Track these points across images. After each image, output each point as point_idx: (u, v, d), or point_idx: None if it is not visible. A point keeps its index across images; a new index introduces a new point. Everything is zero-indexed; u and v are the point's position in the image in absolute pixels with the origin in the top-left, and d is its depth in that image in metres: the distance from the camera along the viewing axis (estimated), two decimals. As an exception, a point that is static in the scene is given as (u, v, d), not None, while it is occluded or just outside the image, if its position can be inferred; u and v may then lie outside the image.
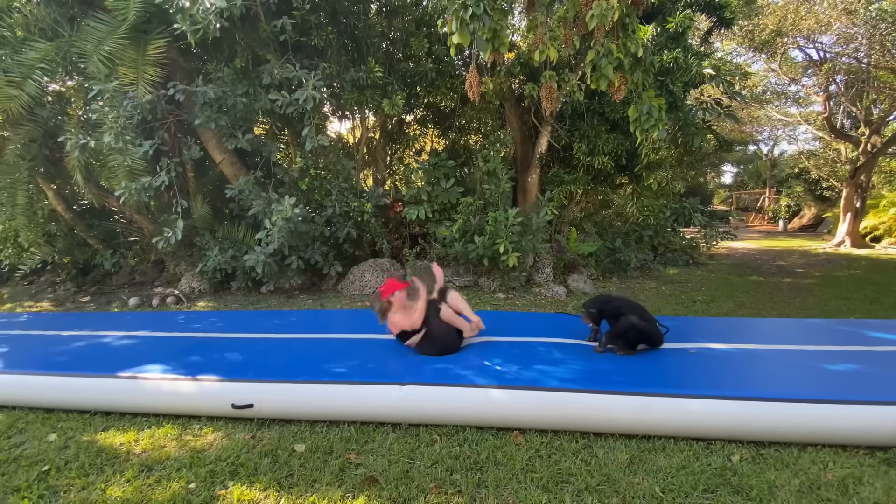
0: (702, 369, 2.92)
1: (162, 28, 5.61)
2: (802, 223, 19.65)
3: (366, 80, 6.31)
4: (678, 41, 6.29)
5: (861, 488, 2.09)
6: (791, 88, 15.44)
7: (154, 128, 6.00)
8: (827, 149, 16.42)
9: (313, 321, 4.22)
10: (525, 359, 2.96)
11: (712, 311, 5.54)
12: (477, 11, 2.64)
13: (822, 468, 2.23)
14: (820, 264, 9.70)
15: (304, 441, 2.51)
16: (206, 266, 6.12)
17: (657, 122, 3.21)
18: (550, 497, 2.05)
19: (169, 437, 2.63)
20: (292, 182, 6.42)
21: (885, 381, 2.62)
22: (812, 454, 2.33)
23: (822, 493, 2.06)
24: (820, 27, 11.27)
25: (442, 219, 6.68)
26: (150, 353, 3.34)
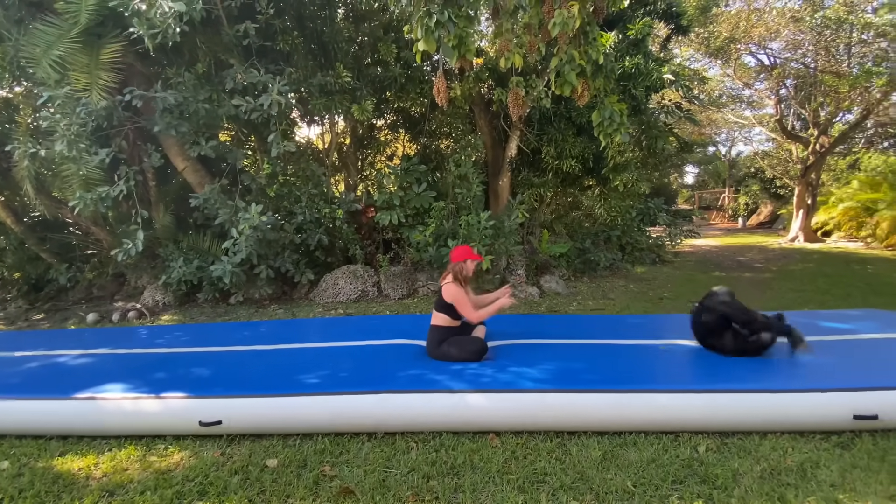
0: (670, 364, 3.02)
1: (117, 32, 5.41)
2: (760, 220, 20.62)
3: (334, 85, 6.25)
4: (639, 47, 6.51)
5: (818, 472, 2.20)
6: (745, 92, 16.22)
7: (111, 135, 5.75)
8: (779, 149, 17.30)
9: (284, 331, 4.13)
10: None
11: (678, 307, 5.72)
12: (441, 19, 2.67)
13: (781, 454, 2.34)
14: (776, 259, 10.20)
15: (276, 456, 2.45)
16: (170, 278, 5.90)
17: (619, 127, 3.31)
18: (526, 498, 2.06)
19: (132, 459, 2.51)
20: (260, 189, 6.28)
21: (838, 369, 2.78)
22: (772, 441, 2.44)
23: (783, 478, 2.16)
24: (770, 34, 11.91)
25: (415, 223, 6.67)
26: (110, 372, 3.18)
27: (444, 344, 3.03)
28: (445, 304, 3.09)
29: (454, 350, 3.00)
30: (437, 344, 3.05)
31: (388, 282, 6.50)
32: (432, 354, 3.07)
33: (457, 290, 3.08)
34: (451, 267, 3.18)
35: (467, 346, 3.03)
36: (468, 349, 3.01)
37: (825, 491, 2.07)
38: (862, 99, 12.02)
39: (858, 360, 2.97)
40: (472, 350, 3.01)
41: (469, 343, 3.05)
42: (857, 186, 13.09)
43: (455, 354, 2.99)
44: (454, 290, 3.08)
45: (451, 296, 3.07)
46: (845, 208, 12.93)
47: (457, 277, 3.15)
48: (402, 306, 5.92)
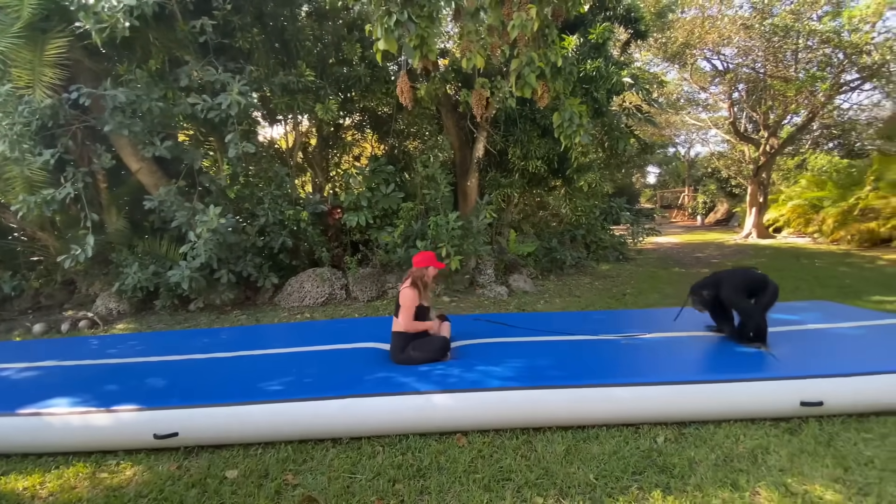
0: (631, 359, 3.10)
1: (63, 26, 5.13)
2: (717, 217, 21.57)
3: (296, 84, 6.12)
4: (600, 51, 6.68)
5: (768, 457, 2.31)
6: (701, 96, 16.96)
7: (56, 135, 5.44)
8: (733, 150, 18.15)
9: (247, 338, 4.00)
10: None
11: (640, 302, 5.91)
12: (401, 18, 2.65)
13: (734, 441, 2.44)
14: (732, 255, 10.68)
15: (236, 466, 2.37)
16: (125, 284, 5.62)
17: (579, 128, 3.39)
18: (492, 496, 2.08)
19: (80, 476, 2.38)
20: (220, 191, 6.07)
21: (785, 358, 2.93)
22: (726, 429, 2.55)
23: (735, 465, 2.25)
24: (722, 40, 12.47)
25: (383, 224, 6.61)
26: (57, 385, 3.00)
27: (406, 348, 3.03)
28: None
29: (417, 353, 2.99)
30: (400, 349, 3.04)
31: (357, 284, 6.42)
32: (396, 360, 3.05)
33: (410, 294, 3.08)
34: (412, 271, 3.18)
35: (429, 346, 3.03)
36: (431, 349, 3.02)
37: (774, 476, 2.17)
38: (808, 102, 12.75)
39: (805, 349, 3.14)
40: (435, 349, 3.02)
41: (430, 343, 3.05)
42: (804, 185, 13.87)
43: (419, 357, 2.98)
44: (407, 294, 3.08)
45: (402, 299, 3.07)
46: (794, 206, 13.68)
47: (416, 283, 3.14)
48: (372, 309, 5.86)
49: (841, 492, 2.05)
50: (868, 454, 2.32)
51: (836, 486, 2.08)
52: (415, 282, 3.14)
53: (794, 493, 2.05)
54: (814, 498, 2.02)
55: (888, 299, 5.76)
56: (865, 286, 6.58)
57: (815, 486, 2.09)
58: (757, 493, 2.06)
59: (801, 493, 2.04)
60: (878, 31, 11.07)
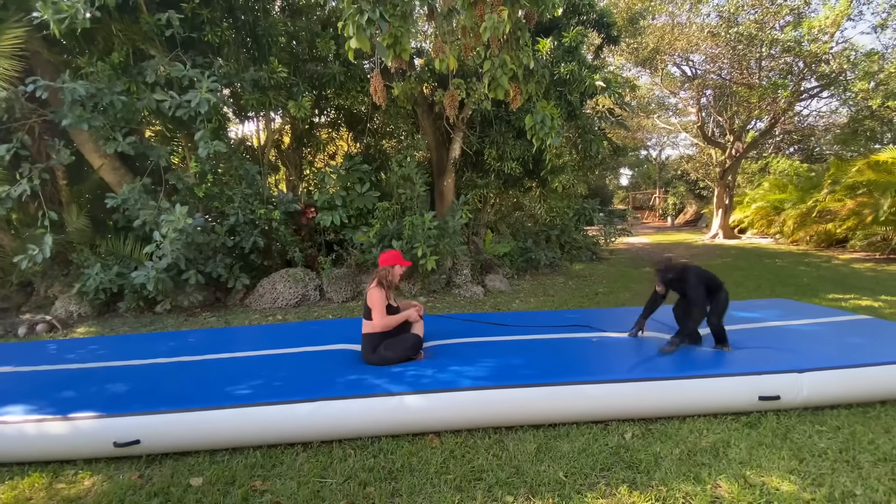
0: (600, 356, 3.17)
1: (20, 16, 4.89)
2: (686, 218, 22.27)
3: (268, 81, 5.99)
4: (573, 55, 6.79)
5: (729, 450, 2.40)
6: (671, 100, 17.46)
7: (12, 129, 5.17)
8: (702, 153, 18.77)
9: (215, 341, 3.89)
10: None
11: (612, 301, 6.04)
12: (373, 17, 2.63)
13: (698, 436, 2.53)
14: (700, 255, 11.04)
15: (201, 474, 2.30)
16: (86, 286, 5.39)
17: (551, 130, 3.44)
18: (463, 496, 2.08)
19: (36, 487, 2.27)
20: (188, 189, 5.89)
21: (744, 355, 3.05)
22: (690, 424, 2.63)
23: (698, 458, 2.33)
24: (691, 47, 12.89)
25: (358, 224, 6.55)
26: (10, 392, 2.84)
27: (378, 349, 3.00)
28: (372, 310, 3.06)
29: (389, 353, 2.98)
30: (371, 350, 3.01)
31: (331, 285, 6.34)
32: (369, 361, 3.02)
33: (377, 294, 3.06)
34: (378, 271, 3.16)
35: (400, 345, 3.02)
36: (402, 348, 3.01)
37: (735, 468, 2.25)
38: (770, 108, 13.30)
39: (764, 345, 3.27)
40: (406, 347, 3.02)
41: (402, 342, 3.04)
42: (767, 188, 14.46)
43: (391, 357, 2.96)
44: (374, 294, 3.05)
45: (370, 299, 3.04)
46: (757, 208, 14.24)
47: (381, 282, 3.13)
48: (346, 310, 5.79)
49: (796, 483, 2.14)
50: (822, 446, 2.43)
51: (792, 478, 2.18)
52: (381, 281, 3.12)
53: (753, 485, 2.13)
54: (770, 489, 2.10)
55: (843, 297, 6.06)
56: (822, 285, 6.90)
57: (772, 478, 2.18)
58: (718, 485, 2.14)
59: (758, 485, 2.13)
60: (836, 41, 11.66)
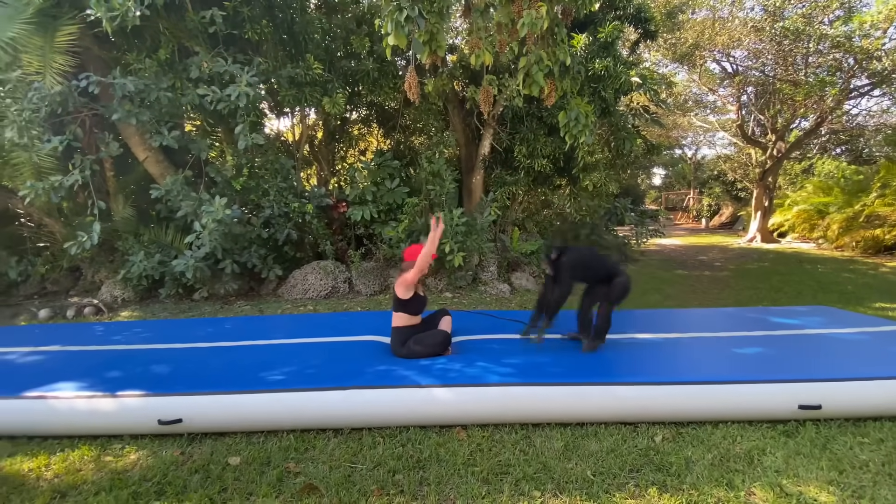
0: (631, 358, 3.12)
1: (74, 13, 5.16)
2: (722, 221, 21.51)
3: (304, 77, 6.13)
4: (609, 50, 6.66)
5: (764, 458, 2.33)
6: (709, 98, 16.86)
7: (65, 122, 5.48)
8: (740, 153, 18.06)
9: (250, 328, 4.04)
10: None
11: (642, 303, 5.91)
12: (412, 14, 2.66)
13: (731, 442, 2.46)
14: (735, 258, 10.66)
15: (239, 453, 2.41)
16: (130, 272, 5.67)
17: (584, 128, 3.39)
18: (490, 489, 2.10)
19: (86, 459, 2.42)
20: (226, 182, 6.11)
21: (785, 362, 2.95)
22: (723, 430, 2.57)
23: (731, 465, 2.27)
24: (732, 43, 12.39)
25: (387, 219, 6.63)
26: (62, 370, 3.04)
27: (407, 343, 3.05)
28: (401, 302, 3.09)
29: (418, 347, 3.01)
30: (401, 343, 3.06)
31: (360, 278, 6.45)
32: (398, 354, 3.07)
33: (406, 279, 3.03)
34: (404, 265, 3.17)
35: (430, 340, 3.05)
36: (431, 343, 3.04)
37: (770, 476, 2.19)
38: (816, 107, 12.67)
39: (805, 353, 3.15)
40: (435, 343, 3.04)
41: (431, 337, 3.07)
42: (810, 190, 13.81)
43: (420, 351, 3.00)
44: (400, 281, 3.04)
45: (403, 288, 3.04)
46: (799, 211, 13.62)
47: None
48: (374, 302, 5.89)
49: (835, 494, 2.07)
50: (863, 458, 2.34)
51: (831, 489, 2.10)
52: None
53: (789, 494, 2.07)
54: (808, 499, 2.03)
55: (890, 306, 5.75)
56: (868, 293, 6.56)
57: (809, 488, 2.10)
58: (752, 493, 2.08)
59: (795, 495, 2.06)
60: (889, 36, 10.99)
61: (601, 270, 3.07)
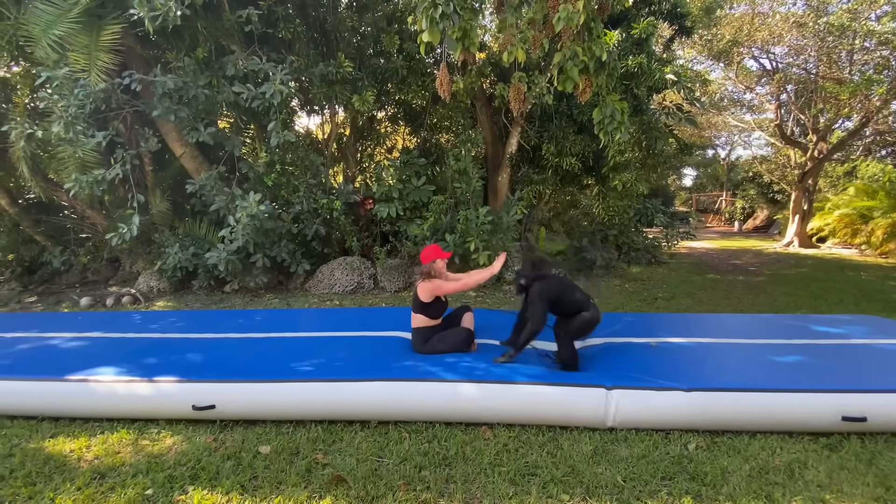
0: (662, 362, 3.03)
1: (118, 13, 5.35)
2: (756, 224, 20.73)
3: (335, 75, 6.21)
4: (642, 47, 6.50)
5: (806, 472, 2.23)
6: (746, 96, 16.26)
7: (108, 118, 5.70)
8: (778, 154, 17.37)
9: (280, 320, 4.13)
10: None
11: (672, 307, 5.76)
12: (447, 10, 2.65)
13: (770, 454, 2.36)
14: (771, 263, 10.26)
15: (269, 442, 2.45)
16: (166, 264, 5.87)
17: (619, 125, 3.31)
18: (517, 489, 2.08)
19: (124, 442, 2.51)
20: (258, 178, 6.25)
21: (828, 371, 2.81)
22: (761, 441, 2.47)
23: (771, 477, 2.18)
24: (773, 39, 11.91)
25: (413, 217, 6.66)
26: (102, 355, 3.17)
27: (430, 341, 3.06)
28: (422, 304, 3.09)
29: (442, 345, 3.03)
30: (423, 342, 3.08)
31: (385, 274, 6.50)
32: (420, 352, 3.09)
33: (430, 284, 3.06)
34: (423, 268, 3.17)
35: (453, 338, 3.06)
36: (455, 341, 3.04)
37: (812, 491, 2.09)
38: (862, 106, 12.06)
39: (848, 363, 3.00)
40: (459, 341, 3.04)
41: (454, 335, 3.07)
42: (853, 193, 13.15)
43: (443, 349, 3.01)
44: (428, 286, 3.05)
45: (427, 293, 3.05)
46: (841, 215, 12.99)
47: (429, 276, 3.14)
48: (399, 299, 5.93)
49: (884, 512, 1.96)
50: (914, 475, 2.21)
51: (879, 507, 1.99)
52: (428, 275, 3.15)
53: (833, 511, 1.97)
54: (854, 517, 1.94)
55: (942, 317, 5.41)
56: (916, 302, 6.20)
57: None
58: (793, 507, 1.99)
59: (840, 511, 1.96)
60: (944, 32, 10.35)
61: (572, 304, 2.91)
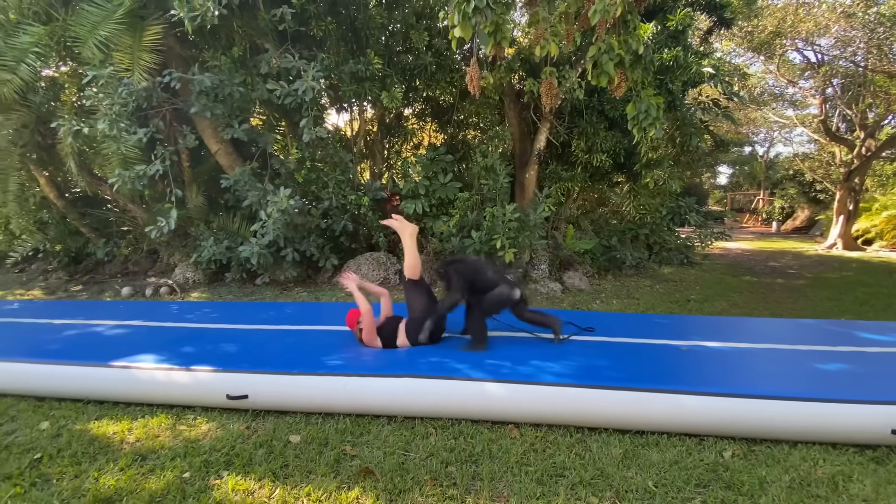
0: (696, 366, 2.94)
1: (159, 14, 5.54)
2: (795, 225, 19.82)
3: (365, 72, 6.26)
4: (678, 40, 6.28)
5: (850, 485, 2.12)
6: (788, 90, 15.52)
7: (149, 115, 5.93)
8: (822, 151, 16.54)
9: (309, 313, 4.21)
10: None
11: (706, 309, 5.58)
12: (479, 5, 2.62)
13: (812, 465, 2.26)
14: (812, 266, 9.80)
15: (299, 432, 2.51)
16: (201, 257, 6.07)
17: (655, 121, 3.21)
18: (545, 490, 2.06)
19: (163, 426, 2.62)
20: (288, 174, 6.38)
21: (875, 381, 2.66)
22: (802, 451, 2.36)
23: (812, 490, 2.08)
24: (818, 30, 11.32)
25: (439, 213, 6.66)
26: (143, 343, 3.32)
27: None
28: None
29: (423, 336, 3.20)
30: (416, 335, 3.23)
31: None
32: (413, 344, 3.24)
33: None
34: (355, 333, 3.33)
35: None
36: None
37: (857, 505, 1.99)
38: (916, 101, 11.36)
39: (899, 373, 2.83)
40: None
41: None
42: (904, 193, 12.43)
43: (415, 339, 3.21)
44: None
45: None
46: (890, 216, 12.30)
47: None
48: (424, 295, 5.94)
49: (939, 533, 1.84)
50: (972, 495, 2.07)
51: (933, 526, 1.88)
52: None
53: (882, 528, 1.87)
54: (905, 535, 1.83)
55: None
56: (975, 310, 5.80)
57: (906, 523, 1.89)
58: (837, 522, 1.90)
59: (889, 529, 1.86)
60: None
61: (486, 282, 3.12)
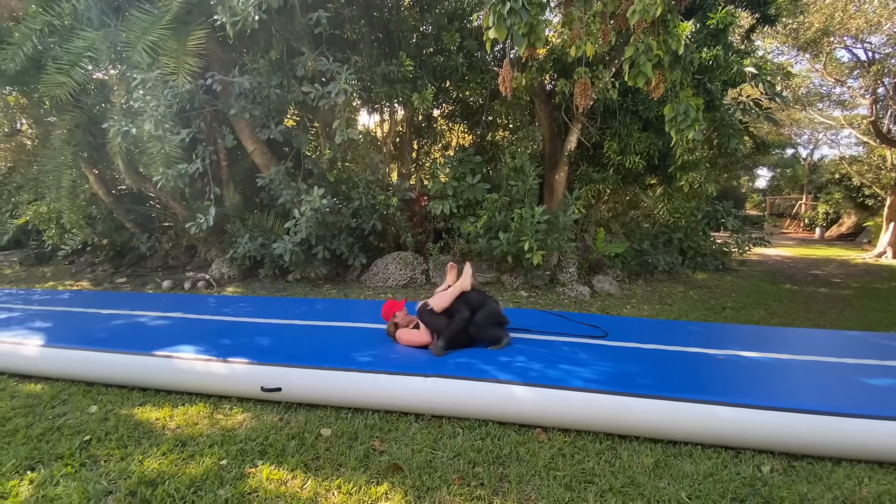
0: (733, 377, 2.85)
1: (202, 19, 5.76)
2: (841, 231, 18.83)
3: (396, 74, 6.34)
4: (718, 38, 6.08)
5: (899, 507, 2.01)
6: (836, 90, 14.77)
7: (191, 116, 6.17)
8: (871, 154, 15.66)
9: (339, 310, 4.29)
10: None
11: (742, 318, 5.38)
12: (515, 6, 2.62)
13: (856, 483, 2.15)
14: (859, 275, 9.29)
15: (329, 426, 2.57)
16: (236, 253, 6.29)
17: (693, 123, 3.12)
18: (573, 496, 2.04)
19: (201, 415, 2.73)
20: (321, 174, 6.52)
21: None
22: (847, 469, 2.25)
23: (858, 510, 1.99)
24: (869, 26, 10.74)
25: (467, 214, 6.67)
26: (183, 334, 3.46)
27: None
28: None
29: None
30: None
31: (437, 270, 6.58)
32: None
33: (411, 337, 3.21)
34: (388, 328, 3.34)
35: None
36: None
37: (907, 528, 1.89)
38: (979, 101, 10.60)
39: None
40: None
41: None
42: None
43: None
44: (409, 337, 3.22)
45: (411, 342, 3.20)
46: (947, 223, 11.51)
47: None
48: (451, 295, 5.96)
49: None
50: None
51: None
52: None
53: (935, 554, 1.76)
54: (962, 564, 1.72)
55: None
56: None
57: (963, 551, 1.78)
58: (885, 545, 1.81)
59: (944, 556, 1.75)
60: None
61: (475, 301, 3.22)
